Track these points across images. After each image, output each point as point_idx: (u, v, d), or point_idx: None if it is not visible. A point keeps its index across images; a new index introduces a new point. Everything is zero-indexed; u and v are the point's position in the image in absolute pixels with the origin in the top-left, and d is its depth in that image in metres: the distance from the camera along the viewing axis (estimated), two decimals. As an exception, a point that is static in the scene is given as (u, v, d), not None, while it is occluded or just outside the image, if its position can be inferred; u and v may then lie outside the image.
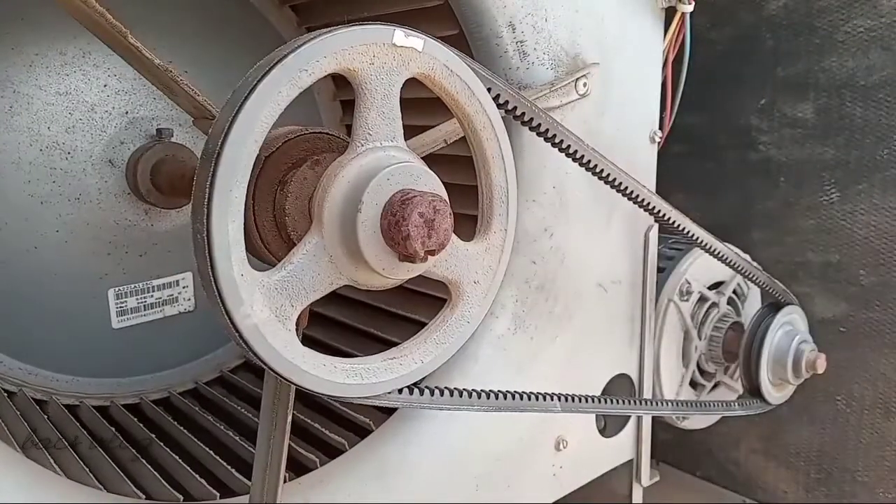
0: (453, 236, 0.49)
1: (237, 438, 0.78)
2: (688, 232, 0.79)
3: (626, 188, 0.69)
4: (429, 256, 0.44)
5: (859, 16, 0.96)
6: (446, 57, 0.49)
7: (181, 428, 0.81)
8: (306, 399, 0.83)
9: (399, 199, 0.44)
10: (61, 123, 0.83)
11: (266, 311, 0.42)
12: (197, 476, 0.68)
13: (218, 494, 0.67)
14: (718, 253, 0.86)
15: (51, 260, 0.84)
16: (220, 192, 0.40)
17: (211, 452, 0.74)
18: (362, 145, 0.46)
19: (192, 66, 0.90)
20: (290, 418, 0.55)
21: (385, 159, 0.46)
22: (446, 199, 0.46)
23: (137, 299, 0.91)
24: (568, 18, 0.73)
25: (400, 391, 0.50)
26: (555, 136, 0.61)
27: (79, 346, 0.88)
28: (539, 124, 0.59)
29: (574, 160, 0.64)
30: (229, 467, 0.71)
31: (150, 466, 0.69)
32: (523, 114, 0.58)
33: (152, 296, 0.92)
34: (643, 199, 0.71)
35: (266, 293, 0.42)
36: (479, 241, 0.53)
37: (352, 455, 0.72)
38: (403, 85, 0.47)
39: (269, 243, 0.51)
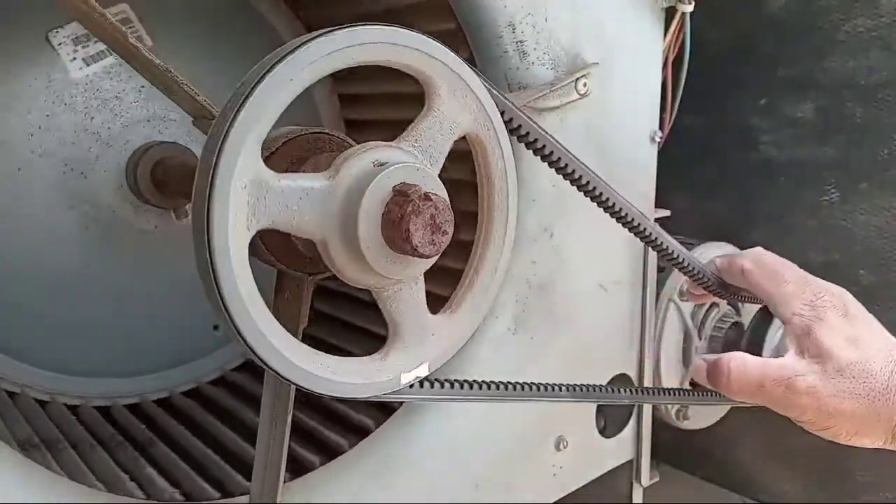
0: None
1: (238, 439, 0.78)
2: (673, 253, 0.70)
3: (620, 210, 0.63)
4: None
5: (859, 16, 0.96)
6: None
7: (149, 429, 0.82)
8: (307, 399, 0.83)
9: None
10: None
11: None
12: (167, 483, 0.69)
13: (219, 495, 0.67)
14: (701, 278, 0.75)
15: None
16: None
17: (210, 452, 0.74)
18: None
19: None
20: (289, 418, 0.55)
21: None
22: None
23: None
24: (568, 18, 0.73)
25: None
26: (558, 158, 0.58)
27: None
28: (543, 146, 0.57)
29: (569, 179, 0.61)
30: (230, 468, 0.71)
31: (119, 466, 0.69)
32: (528, 133, 0.56)
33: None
34: (632, 220, 0.64)
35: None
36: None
37: (352, 455, 0.72)
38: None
39: (269, 243, 0.51)
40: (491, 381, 0.56)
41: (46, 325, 0.86)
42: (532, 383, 0.58)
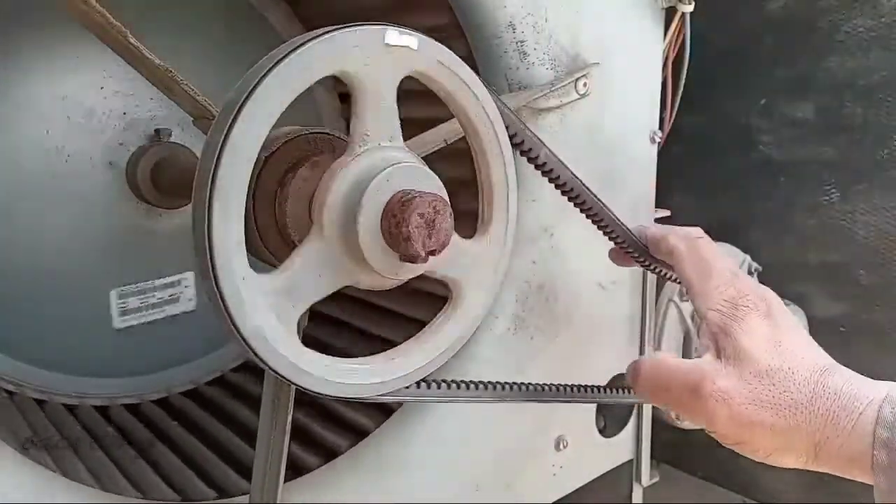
0: (454, 235, 0.49)
1: (236, 440, 0.78)
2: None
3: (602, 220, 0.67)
4: (430, 257, 0.44)
5: (859, 16, 0.96)
6: (443, 54, 0.48)
7: (147, 429, 0.82)
8: (306, 399, 0.83)
9: (399, 199, 0.44)
10: (59, 127, 0.83)
11: (270, 314, 0.42)
12: (164, 484, 0.69)
13: (216, 495, 0.67)
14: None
15: (51, 260, 0.85)
16: (222, 191, 0.39)
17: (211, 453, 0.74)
18: (360, 147, 0.46)
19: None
20: (289, 418, 0.55)
21: (384, 160, 0.45)
22: (446, 199, 0.45)
23: (140, 300, 0.91)
24: (568, 18, 0.73)
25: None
26: (545, 163, 0.60)
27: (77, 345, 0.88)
28: (530, 148, 0.58)
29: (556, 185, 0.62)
30: (228, 468, 0.71)
31: (116, 466, 0.69)
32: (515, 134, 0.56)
33: (154, 296, 0.92)
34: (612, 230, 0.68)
35: (268, 296, 0.42)
36: (479, 237, 0.53)
37: (352, 455, 0.72)
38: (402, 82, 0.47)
39: (269, 244, 0.51)
40: (489, 382, 0.56)
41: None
42: (531, 384, 0.58)
